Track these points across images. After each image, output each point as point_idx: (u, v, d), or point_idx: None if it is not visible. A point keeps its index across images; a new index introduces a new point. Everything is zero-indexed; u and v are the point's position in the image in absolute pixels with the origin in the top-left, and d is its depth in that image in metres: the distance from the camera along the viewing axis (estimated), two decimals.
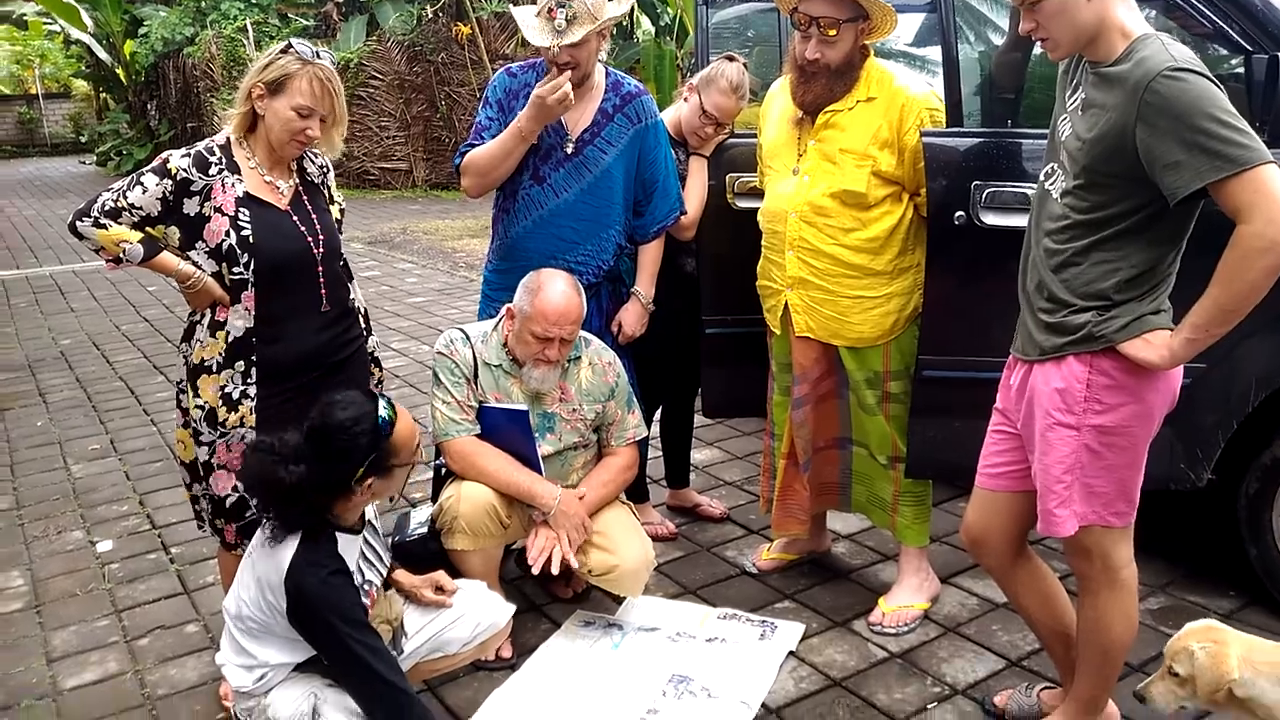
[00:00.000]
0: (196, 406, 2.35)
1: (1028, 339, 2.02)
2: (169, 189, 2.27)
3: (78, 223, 2.29)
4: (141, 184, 2.28)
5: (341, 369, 2.44)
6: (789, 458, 2.89)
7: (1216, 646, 1.81)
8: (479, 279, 3.44)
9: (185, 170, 2.28)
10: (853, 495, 2.94)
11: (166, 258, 2.32)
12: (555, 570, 2.55)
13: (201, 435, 2.37)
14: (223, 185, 2.30)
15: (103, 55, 19.06)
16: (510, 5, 12.90)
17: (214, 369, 2.34)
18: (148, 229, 2.31)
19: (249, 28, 14.82)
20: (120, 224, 2.28)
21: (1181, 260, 1.92)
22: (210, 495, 2.41)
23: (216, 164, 2.31)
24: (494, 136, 2.77)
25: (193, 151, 2.32)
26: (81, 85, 24.55)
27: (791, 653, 2.64)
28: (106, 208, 2.28)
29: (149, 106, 18.61)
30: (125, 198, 2.28)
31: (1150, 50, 1.77)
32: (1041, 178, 2.03)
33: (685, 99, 3.11)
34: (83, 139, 23.27)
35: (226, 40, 14.85)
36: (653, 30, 14.81)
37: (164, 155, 2.33)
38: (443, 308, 7.23)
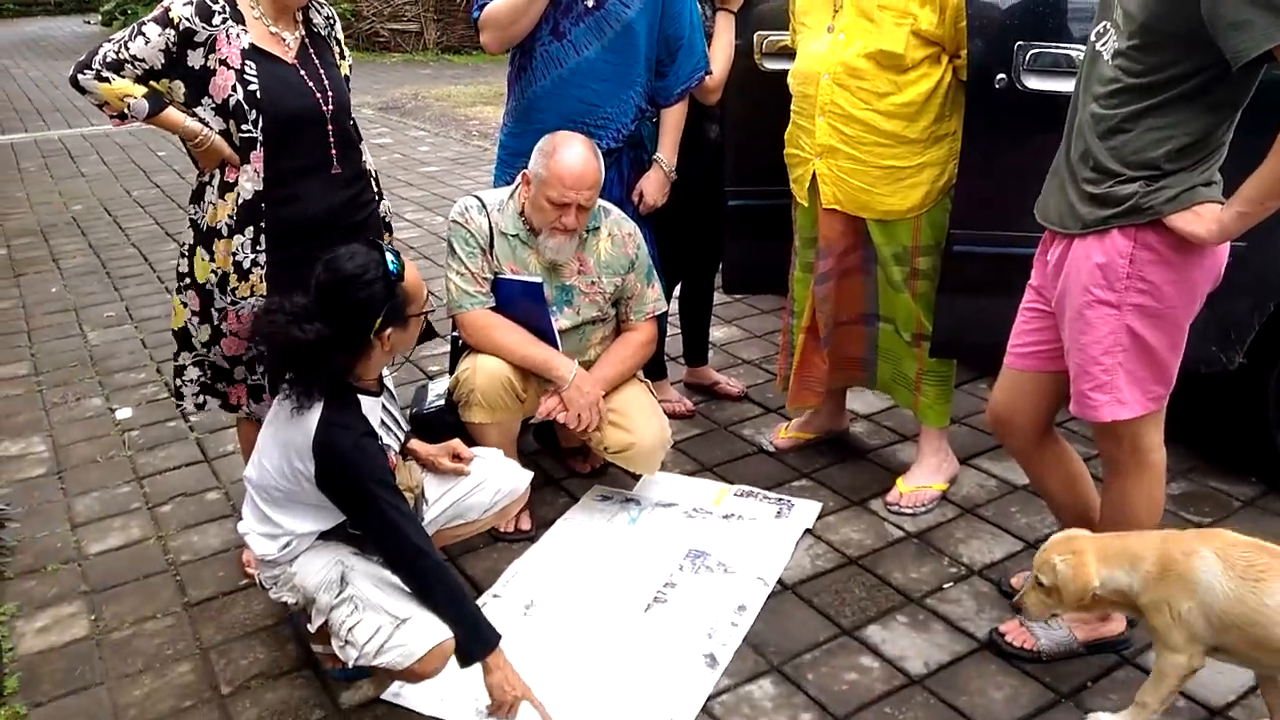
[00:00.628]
0: (211, 271, 2.30)
1: (1068, 211, 1.92)
2: (171, 39, 2.17)
3: (79, 75, 2.20)
4: (143, 34, 2.17)
5: (356, 233, 2.37)
6: (809, 331, 2.83)
7: (1076, 557, 1.84)
8: (493, 148, 3.33)
9: (188, 19, 2.17)
10: (878, 372, 2.88)
11: (173, 114, 2.24)
12: (543, 416, 2.54)
13: (215, 301, 2.33)
14: (227, 36, 2.20)
15: None
16: None
17: (225, 233, 2.28)
18: (152, 83, 2.22)
19: None
20: (123, 77, 2.19)
21: (1234, 131, 1.81)
22: (215, 361, 2.39)
23: (220, 13, 2.20)
24: None
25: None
26: None
27: (808, 530, 2.65)
28: (108, 59, 2.18)
29: None
30: (127, 49, 2.18)
31: None
32: (1092, 38, 1.90)
33: None
34: None
35: None
36: None
37: (165, 3, 2.21)
38: (456, 178, 7.08)
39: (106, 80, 2.18)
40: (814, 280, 2.75)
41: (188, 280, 2.37)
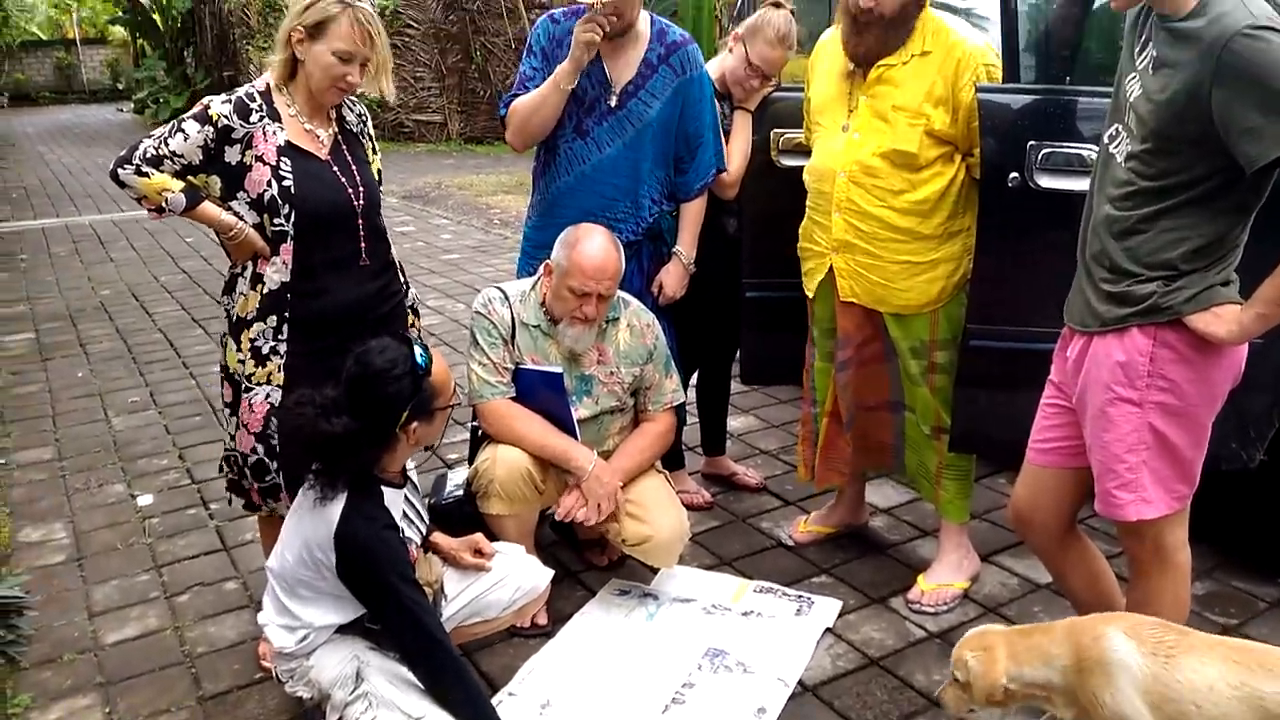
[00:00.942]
0: (239, 361, 2.34)
1: (1086, 309, 1.94)
2: (210, 136, 2.24)
3: (119, 170, 2.27)
4: (183, 131, 2.25)
5: (384, 324, 2.41)
6: (832, 416, 2.83)
7: (987, 654, 1.85)
8: (514, 236, 3.39)
9: (227, 117, 2.24)
10: (906, 460, 2.86)
11: (209, 208, 2.30)
12: (562, 518, 2.53)
13: (243, 390, 2.36)
14: (264, 134, 2.27)
15: None
16: None
17: (252, 323, 2.32)
18: (189, 178, 2.29)
19: None
20: (162, 172, 2.25)
21: (1250, 230, 1.83)
22: (232, 455, 2.41)
23: (258, 111, 2.28)
24: (538, 86, 2.71)
25: (233, 98, 2.29)
26: (118, 31, 24.52)
27: (828, 629, 2.61)
28: (148, 155, 2.25)
29: (185, 54, 18.61)
30: (167, 145, 2.25)
31: (1227, 6, 1.67)
32: (1105, 140, 1.94)
33: (730, 49, 3.01)
34: (120, 86, 23.36)
35: None
36: None
37: (205, 101, 2.30)
38: (478, 265, 7.18)
39: (146, 175, 2.25)
40: (835, 368, 2.76)
41: (225, 371, 2.41)
